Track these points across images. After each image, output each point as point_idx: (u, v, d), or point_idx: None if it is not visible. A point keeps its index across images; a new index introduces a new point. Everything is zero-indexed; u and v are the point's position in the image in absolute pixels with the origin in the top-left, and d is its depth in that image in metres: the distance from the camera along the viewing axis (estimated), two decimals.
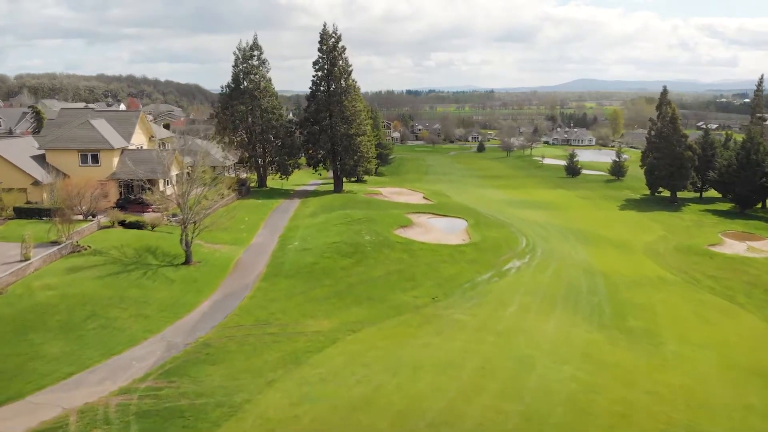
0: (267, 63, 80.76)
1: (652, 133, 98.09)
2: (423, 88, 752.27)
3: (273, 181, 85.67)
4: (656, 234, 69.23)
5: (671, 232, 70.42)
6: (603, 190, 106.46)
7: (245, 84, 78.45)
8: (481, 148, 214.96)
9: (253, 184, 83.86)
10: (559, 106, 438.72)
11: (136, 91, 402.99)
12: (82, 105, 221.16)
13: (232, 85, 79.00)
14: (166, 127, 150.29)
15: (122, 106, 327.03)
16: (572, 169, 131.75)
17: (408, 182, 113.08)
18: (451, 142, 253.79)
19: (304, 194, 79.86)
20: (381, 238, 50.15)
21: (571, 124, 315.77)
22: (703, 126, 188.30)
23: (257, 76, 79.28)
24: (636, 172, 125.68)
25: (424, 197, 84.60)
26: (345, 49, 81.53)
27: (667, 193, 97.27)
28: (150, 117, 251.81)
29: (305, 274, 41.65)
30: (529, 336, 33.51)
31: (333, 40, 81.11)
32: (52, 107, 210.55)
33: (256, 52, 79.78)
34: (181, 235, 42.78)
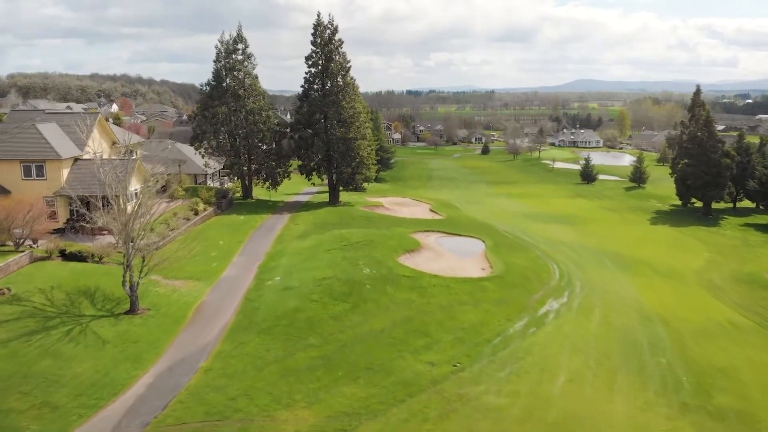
0: (253, 58, 70.93)
1: (684, 137, 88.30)
2: (423, 88, 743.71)
3: (261, 190, 75.88)
4: (702, 257, 59.54)
5: (719, 254, 60.74)
6: (626, 199, 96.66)
7: (228, 82, 68.57)
8: (485, 150, 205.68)
9: (238, 194, 74.14)
10: (562, 107, 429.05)
11: (130, 91, 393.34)
12: (64, 105, 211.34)
13: (213, 83, 69.07)
14: (151, 129, 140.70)
15: (114, 107, 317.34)
16: (588, 175, 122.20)
17: (411, 189, 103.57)
18: (454, 143, 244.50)
19: (295, 207, 70.05)
20: (384, 271, 40.39)
21: (577, 125, 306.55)
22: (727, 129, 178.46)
23: (242, 73, 69.41)
24: (657, 178, 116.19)
25: (431, 209, 74.87)
26: (342, 43, 71.80)
27: (698, 204, 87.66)
28: (143, 117, 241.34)
29: (284, 327, 31.81)
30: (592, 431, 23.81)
31: (329, 32, 71.36)
32: (38, 107, 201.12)
33: (240, 46, 69.90)
34: (124, 276, 32.95)
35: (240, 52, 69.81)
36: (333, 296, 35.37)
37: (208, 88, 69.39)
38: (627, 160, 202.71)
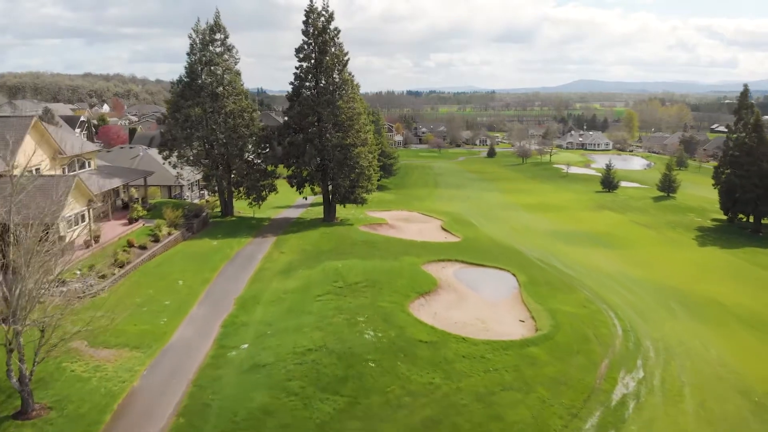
0: (234, 50, 59.89)
1: (730, 143, 77.59)
2: (423, 89, 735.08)
3: (244, 204, 64.51)
4: None
5: None
6: (660, 212, 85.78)
7: (203, 78, 57.56)
8: (491, 153, 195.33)
9: (218, 209, 63.35)
10: (565, 108, 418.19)
11: (123, 91, 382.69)
12: (41, 106, 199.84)
13: (186, 80, 58.10)
14: (132, 131, 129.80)
15: (106, 107, 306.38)
16: (609, 182, 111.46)
17: (417, 200, 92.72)
18: (458, 145, 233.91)
19: (283, 226, 59.20)
20: (393, 333, 29.56)
21: (584, 127, 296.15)
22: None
23: (220, 68, 58.48)
24: (683, 185, 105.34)
25: (442, 227, 64.06)
26: (339, 32, 60.90)
27: (743, 217, 76.95)
28: (134, 118, 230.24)
29: None
30: None
31: (323, 19, 60.45)
32: (25, 109, 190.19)
33: (219, 36, 58.96)
34: (8, 363, 22.05)
35: (218, 43, 58.91)
36: (320, 384, 24.43)
37: (179, 86, 58.47)
38: (638, 163, 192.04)
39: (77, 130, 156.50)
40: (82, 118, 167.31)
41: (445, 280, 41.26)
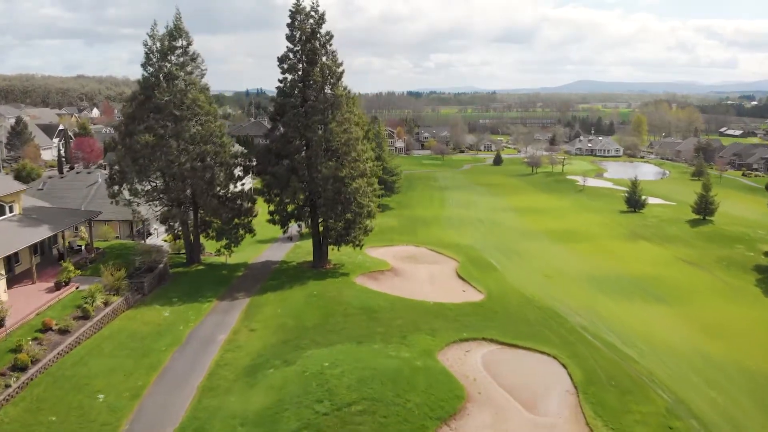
0: (199, 59, 48.32)
1: None
2: (423, 89, 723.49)
3: (216, 245, 52.49)
4: None
5: None
6: (704, 243, 74.12)
7: (158, 95, 45.62)
8: (497, 161, 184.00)
9: (184, 251, 52.00)
10: (568, 110, 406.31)
11: (116, 94, 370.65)
12: (36, 110, 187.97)
13: (141, 97, 46.58)
14: (109, 145, 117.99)
15: (96, 111, 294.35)
16: (635, 201, 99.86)
17: (423, 226, 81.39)
18: (461, 151, 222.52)
19: (261, 278, 47.75)
20: None
21: (592, 131, 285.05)
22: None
23: (182, 82, 46.98)
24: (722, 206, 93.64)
25: (458, 274, 52.79)
26: (331, 37, 49.60)
27: None
28: None
29: None
30: None
31: (311, 21, 49.17)
32: (6, 115, 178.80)
33: (180, 42, 47.45)
34: None
35: (180, 51, 47.45)
36: None
37: (132, 105, 46.95)
38: (651, 171, 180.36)
39: (55, 140, 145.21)
40: (61, 127, 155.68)
41: (473, 381, 29.89)
